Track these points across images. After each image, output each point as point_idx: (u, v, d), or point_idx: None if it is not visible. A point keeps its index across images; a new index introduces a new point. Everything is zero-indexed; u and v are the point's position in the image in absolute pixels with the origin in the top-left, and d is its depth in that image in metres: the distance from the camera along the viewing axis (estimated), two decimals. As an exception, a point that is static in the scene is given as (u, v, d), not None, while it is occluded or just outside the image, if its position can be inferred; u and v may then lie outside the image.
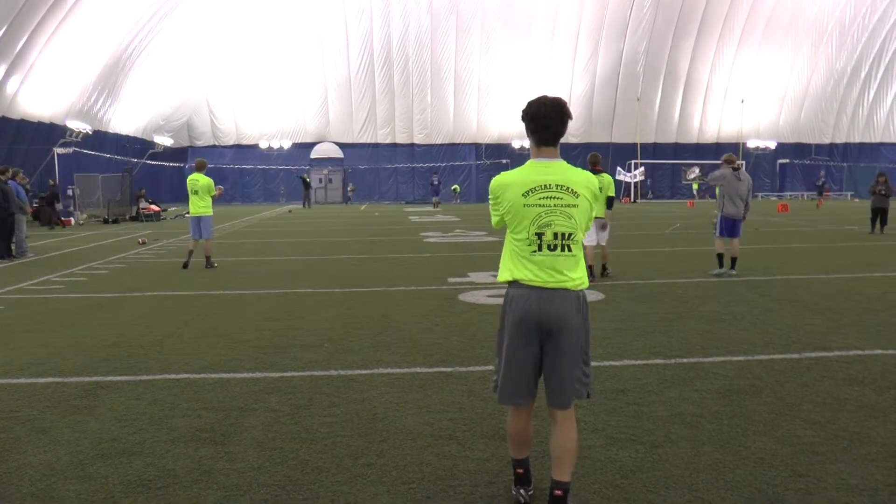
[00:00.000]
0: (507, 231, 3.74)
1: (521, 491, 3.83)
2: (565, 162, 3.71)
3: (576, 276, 3.60)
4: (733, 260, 12.45)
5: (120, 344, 7.64)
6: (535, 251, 3.58)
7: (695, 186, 52.63)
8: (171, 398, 5.66)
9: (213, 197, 14.69)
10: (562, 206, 3.56)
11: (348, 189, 50.69)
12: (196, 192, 14.55)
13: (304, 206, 41.42)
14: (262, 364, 6.73)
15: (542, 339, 3.59)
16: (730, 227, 12.38)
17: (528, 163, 3.75)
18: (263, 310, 9.71)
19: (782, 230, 23.05)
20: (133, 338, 7.93)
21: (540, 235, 3.56)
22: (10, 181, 17.22)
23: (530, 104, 3.78)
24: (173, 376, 6.32)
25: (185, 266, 14.33)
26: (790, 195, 54.37)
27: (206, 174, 14.94)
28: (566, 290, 3.57)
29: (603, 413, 5.18)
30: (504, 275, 3.73)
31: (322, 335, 7.94)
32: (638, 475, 4.11)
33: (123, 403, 5.55)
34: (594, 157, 12.10)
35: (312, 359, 6.90)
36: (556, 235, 3.56)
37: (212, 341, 7.70)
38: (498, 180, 3.77)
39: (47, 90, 31.71)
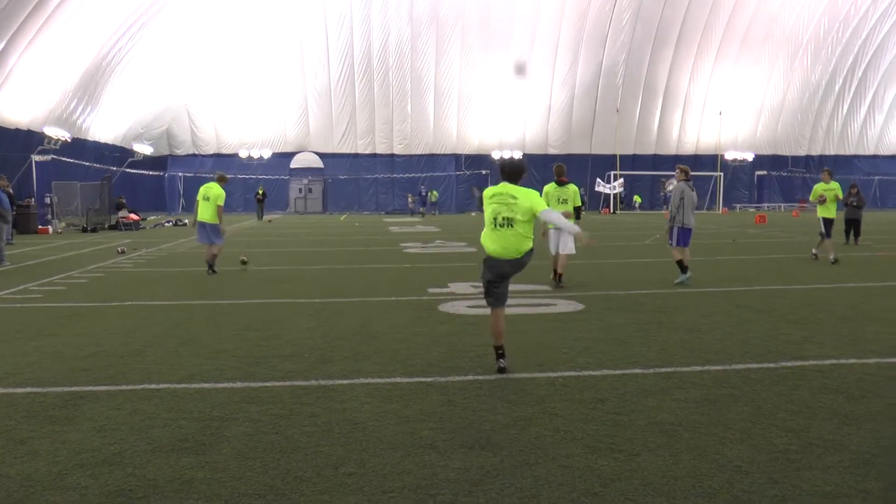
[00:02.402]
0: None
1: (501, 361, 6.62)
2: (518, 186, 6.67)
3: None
4: (684, 267, 12.80)
5: (99, 354, 7.60)
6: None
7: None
8: (151, 408, 5.65)
9: (217, 209, 14.89)
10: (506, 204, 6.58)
11: (413, 202, 48.92)
12: (207, 199, 14.87)
13: (257, 218, 40.51)
14: (242, 374, 6.72)
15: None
16: (685, 236, 12.85)
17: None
18: (243, 319, 9.69)
19: (759, 241, 23.28)
20: (112, 347, 7.90)
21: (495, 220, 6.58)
22: (-5, 189, 17.11)
23: (500, 163, 7.02)
24: (153, 386, 6.30)
25: (212, 270, 14.70)
26: (768, 206, 54.90)
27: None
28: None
29: (581, 422, 5.22)
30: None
31: (302, 345, 7.95)
32: (616, 483, 4.16)
33: (103, 413, 5.53)
34: (559, 168, 12.66)
35: (293, 369, 6.91)
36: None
37: (192, 351, 7.68)
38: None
39: (26, 96, 31.46)
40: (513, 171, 6.71)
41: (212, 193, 14.91)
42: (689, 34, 50.81)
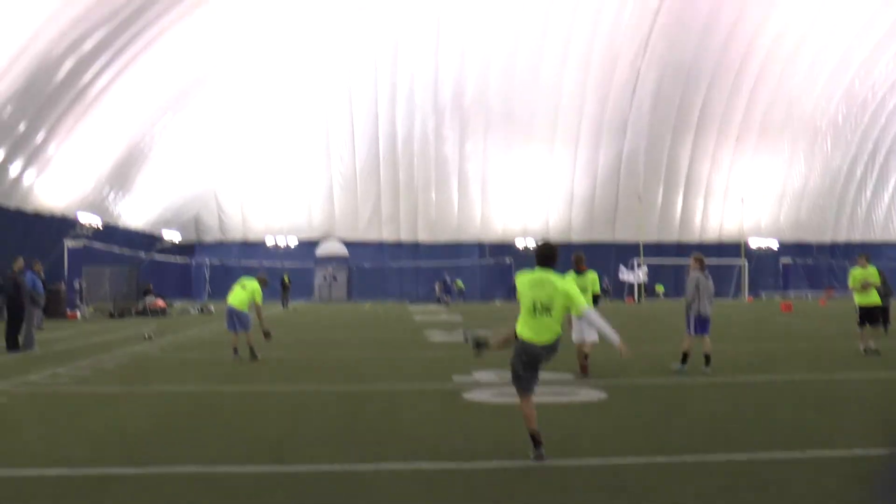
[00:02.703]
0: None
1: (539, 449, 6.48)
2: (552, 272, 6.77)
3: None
4: (707, 357, 12.60)
5: (126, 437, 7.69)
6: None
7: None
8: (179, 491, 5.70)
9: (251, 304, 14.83)
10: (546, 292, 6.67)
11: (440, 291, 48.38)
12: (243, 287, 14.94)
13: (282, 305, 40.47)
14: (269, 458, 6.77)
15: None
16: (702, 324, 12.77)
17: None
18: (269, 405, 9.75)
19: (786, 329, 23.09)
20: (139, 431, 7.98)
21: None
22: (27, 271, 17.40)
23: (535, 248, 7.14)
24: (180, 469, 6.36)
25: (235, 352, 14.74)
26: (794, 294, 54.45)
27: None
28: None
29: (606, 510, 5.20)
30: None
31: (327, 431, 7.98)
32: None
33: (131, 495, 5.59)
34: (577, 256, 12.77)
35: (318, 454, 6.94)
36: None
37: (218, 435, 7.74)
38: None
39: (62, 183, 32.35)
40: (547, 256, 6.86)
41: (249, 286, 14.95)
42: (709, 121, 51.45)
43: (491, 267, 52.26)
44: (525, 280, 6.82)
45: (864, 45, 49.13)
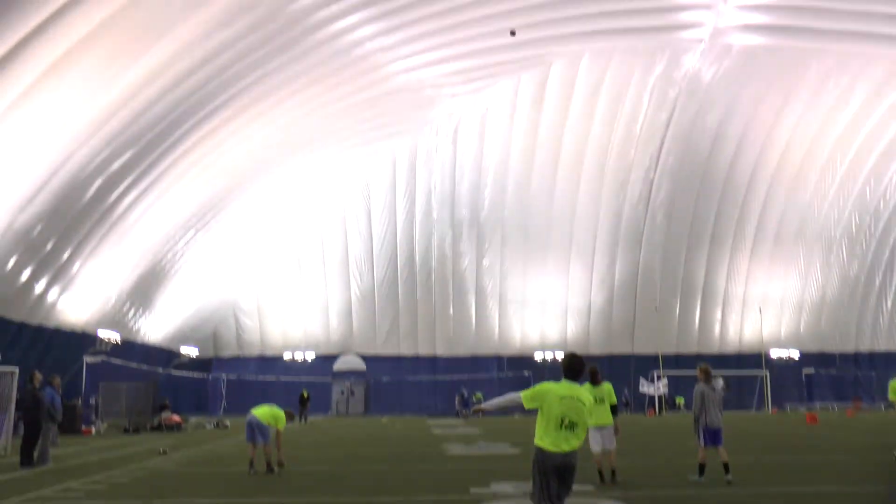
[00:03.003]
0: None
1: None
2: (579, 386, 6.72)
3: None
4: (726, 465, 12.42)
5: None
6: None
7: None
8: None
9: (275, 424, 14.81)
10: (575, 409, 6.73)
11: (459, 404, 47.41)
12: (270, 408, 14.95)
13: (300, 420, 39.87)
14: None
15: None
16: (713, 436, 12.66)
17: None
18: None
19: (812, 442, 22.56)
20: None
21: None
22: (46, 387, 17.46)
23: (563, 360, 7.11)
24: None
25: (251, 466, 14.58)
26: (819, 406, 53.27)
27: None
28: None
29: None
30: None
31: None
32: None
33: None
34: (592, 369, 12.66)
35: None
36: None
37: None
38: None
39: (84, 300, 32.72)
40: (576, 370, 6.96)
41: (276, 412, 14.90)
42: (723, 231, 51.71)
43: (510, 380, 51.70)
44: (554, 393, 6.79)
45: (871, 153, 49.78)
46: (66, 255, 28.80)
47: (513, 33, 34.36)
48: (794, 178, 50.29)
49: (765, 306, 53.60)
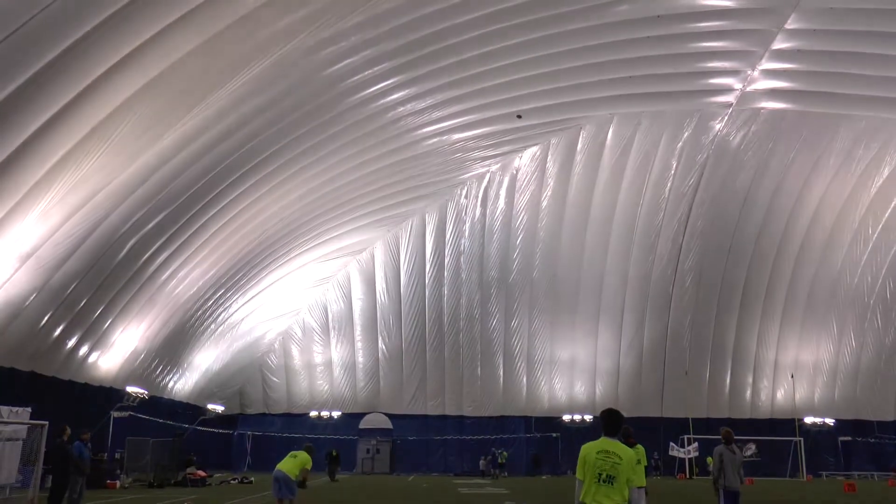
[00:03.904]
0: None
1: None
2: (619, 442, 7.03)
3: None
4: None
5: None
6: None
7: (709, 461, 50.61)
8: None
9: (301, 474, 15.18)
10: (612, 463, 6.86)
11: (485, 464, 48.15)
12: (294, 457, 15.28)
13: (330, 478, 39.79)
14: None
15: None
16: (731, 499, 12.84)
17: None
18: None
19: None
20: None
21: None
22: (75, 441, 17.66)
23: (601, 415, 7.39)
24: None
25: None
26: (858, 475, 51.94)
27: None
28: None
29: None
30: None
31: None
32: None
33: None
34: (626, 429, 12.63)
35: None
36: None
37: None
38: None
39: (113, 357, 33.10)
40: (613, 424, 7.18)
41: (300, 456, 15.32)
42: (753, 296, 51.18)
43: (537, 440, 51.17)
44: (592, 450, 7.01)
45: (903, 217, 49.43)
46: (97, 313, 29.27)
47: (519, 116, 35.46)
48: (825, 243, 49.89)
49: (797, 372, 52.79)
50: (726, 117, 42.10)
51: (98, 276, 27.27)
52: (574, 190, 46.26)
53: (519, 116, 35.81)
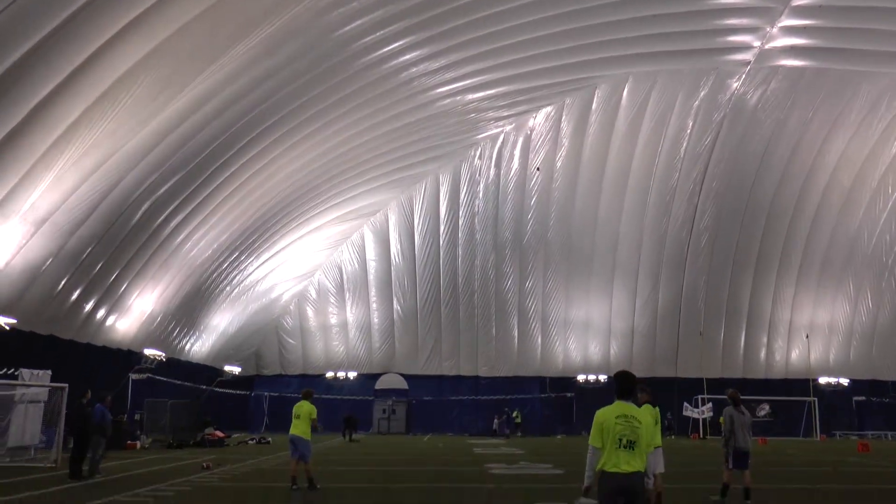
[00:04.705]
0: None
1: None
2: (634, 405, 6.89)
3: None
4: (747, 491, 12.77)
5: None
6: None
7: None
8: None
9: (312, 422, 15.54)
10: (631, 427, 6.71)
11: (498, 424, 48.42)
12: (298, 417, 15.55)
13: (345, 438, 40.27)
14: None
15: None
16: (741, 459, 13.03)
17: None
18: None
19: (865, 471, 22.05)
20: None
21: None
22: (97, 405, 17.88)
23: (615, 376, 7.19)
24: None
25: (294, 485, 14.84)
26: (872, 434, 52.02)
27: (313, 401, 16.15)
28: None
29: None
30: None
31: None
32: None
33: None
34: (644, 388, 12.70)
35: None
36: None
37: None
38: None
39: (130, 320, 33.36)
40: (627, 387, 6.99)
41: (303, 411, 15.58)
42: (769, 256, 50.86)
43: (552, 401, 51.43)
44: (610, 415, 6.80)
45: (923, 177, 48.82)
46: (113, 276, 29.44)
47: (538, 169, 35.35)
48: (843, 203, 49.39)
49: (812, 332, 52.64)
50: (744, 75, 41.49)
51: (113, 240, 27.38)
52: (588, 150, 45.88)
53: (538, 169, 36.28)
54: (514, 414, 48.95)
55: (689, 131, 45.60)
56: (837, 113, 44.60)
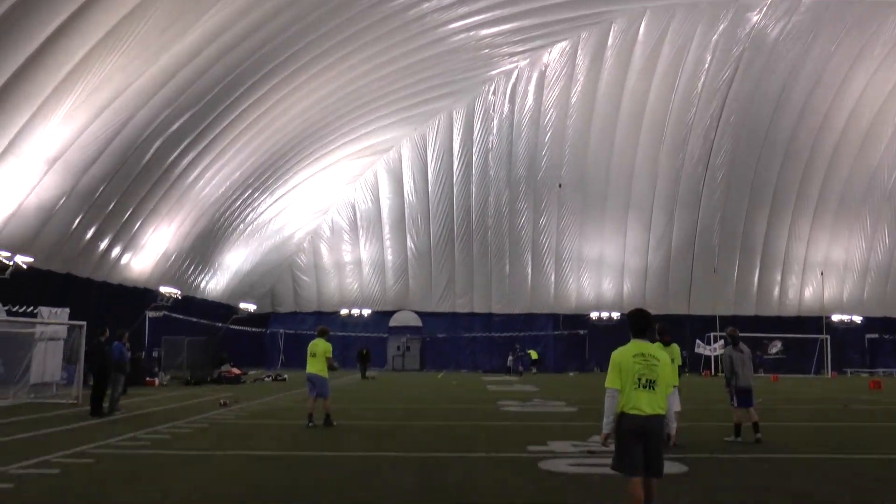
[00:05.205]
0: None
1: None
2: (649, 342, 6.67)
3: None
4: (756, 425, 12.90)
5: (204, 499, 7.77)
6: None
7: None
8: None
9: (328, 360, 15.56)
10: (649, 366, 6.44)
11: (512, 361, 48.43)
12: (314, 355, 15.57)
13: (361, 376, 40.33)
14: (344, 523, 6.76)
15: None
16: (744, 396, 13.13)
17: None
18: (345, 471, 9.76)
19: (875, 408, 22.12)
20: (217, 494, 8.06)
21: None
22: (115, 342, 18.04)
23: (629, 315, 6.84)
24: (258, 532, 6.39)
25: (310, 421, 15.01)
26: (883, 372, 52.19)
27: (329, 339, 16.08)
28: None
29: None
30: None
31: (402, 498, 7.94)
32: None
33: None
34: (662, 327, 12.72)
35: (394, 520, 6.90)
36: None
37: (294, 500, 7.77)
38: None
39: (145, 258, 33.54)
40: (644, 325, 6.75)
41: (318, 350, 15.58)
42: (785, 193, 50.40)
43: (565, 338, 51.73)
44: (627, 354, 6.51)
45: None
46: (127, 215, 29.48)
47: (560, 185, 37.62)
48: (863, 138, 48.65)
49: (827, 270, 52.44)
50: (765, 8, 40.55)
51: (126, 179, 27.35)
52: (604, 86, 45.20)
53: (560, 185, 36.03)
54: (530, 352, 49.23)
55: (706, 66, 44.80)
56: (861, 46, 43.62)
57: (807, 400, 25.34)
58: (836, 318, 53.17)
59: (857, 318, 53.84)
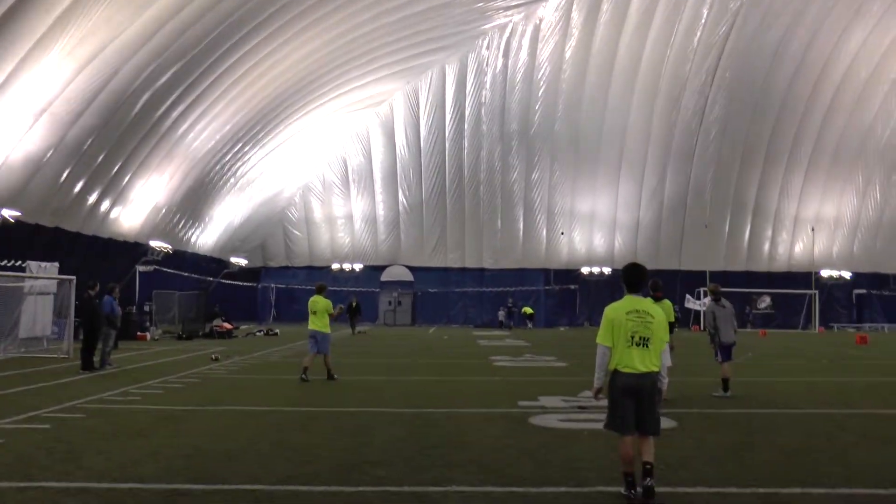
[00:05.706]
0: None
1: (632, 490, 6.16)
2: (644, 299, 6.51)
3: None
4: (726, 381, 13.09)
5: (196, 455, 7.80)
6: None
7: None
8: (247, 509, 5.75)
9: (331, 315, 15.68)
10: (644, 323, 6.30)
11: (504, 316, 49.14)
12: (315, 313, 15.61)
13: (351, 330, 40.16)
14: (335, 479, 6.79)
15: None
16: (727, 350, 13.32)
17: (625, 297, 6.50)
18: (335, 426, 9.81)
19: (861, 363, 22.33)
20: (208, 449, 8.09)
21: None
22: (106, 297, 17.96)
23: (623, 270, 6.72)
24: (248, 487, 6.42)
25: (304, 378, 14.96)
26: (869, 327, 52.65)
27: (326, 295, 16.16)
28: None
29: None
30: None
31: (394, 453, 7.98)
32: None
33: (201, 512, 5.66)
34: (654, 283, 12.63)
35: (385, 475, 6.94)
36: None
37: (285, 455, 7.80)
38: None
39: (135, 211, 33.36)
40: (639, 280, 6.53)
41: (318, 307, 15.63)
42: (778, 149, 50.33)
43: (556, 293, 51.94)
44: (621, 311, 6.33)
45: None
46: (116, 168, 29.26)
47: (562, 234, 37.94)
48: (858, 96, 48.47)
49: (818, 226, 52.60)
50: (762, -39, 40.03)
51: (114, 131, 27.07)
52: (599, 41, 44.79)
53: (562, 234, 35.73)
54: (525, 308, 49.40)
55: (703, 21, 44.42)
56: (859, 2, 43.23)
57: (795, 355, 25.54)
58: (825, 273, 53.46)
59: (847, 274, 54.15)
